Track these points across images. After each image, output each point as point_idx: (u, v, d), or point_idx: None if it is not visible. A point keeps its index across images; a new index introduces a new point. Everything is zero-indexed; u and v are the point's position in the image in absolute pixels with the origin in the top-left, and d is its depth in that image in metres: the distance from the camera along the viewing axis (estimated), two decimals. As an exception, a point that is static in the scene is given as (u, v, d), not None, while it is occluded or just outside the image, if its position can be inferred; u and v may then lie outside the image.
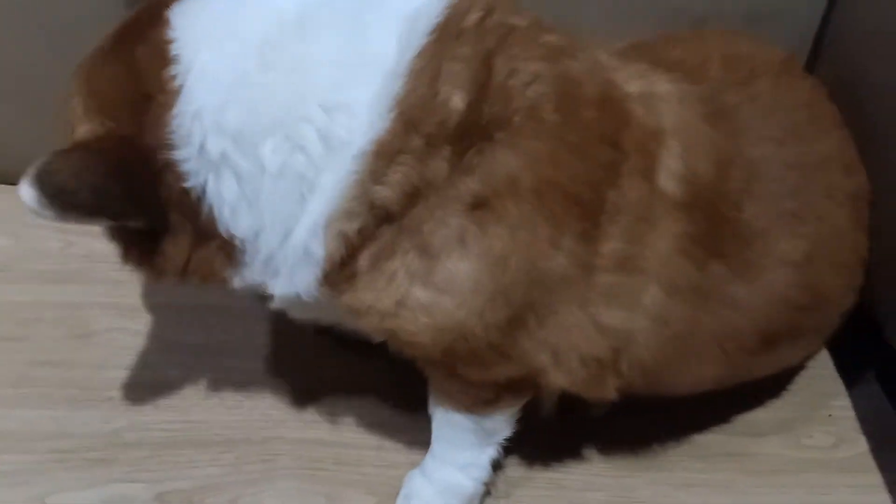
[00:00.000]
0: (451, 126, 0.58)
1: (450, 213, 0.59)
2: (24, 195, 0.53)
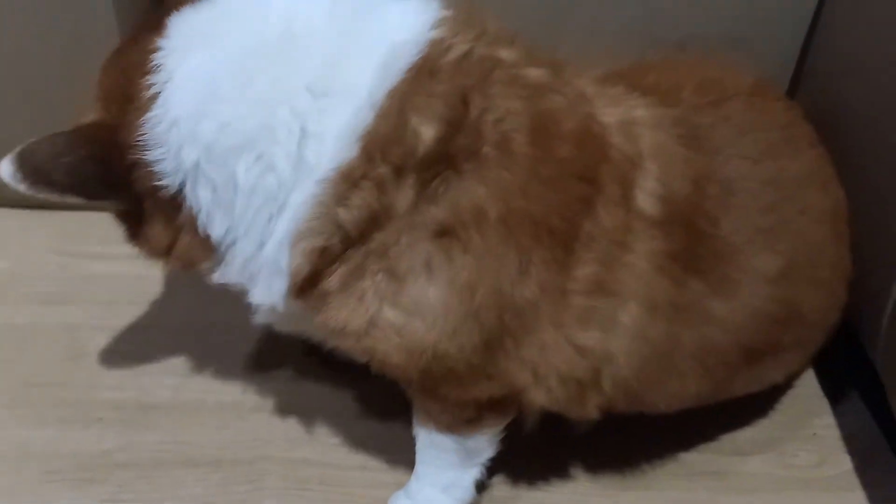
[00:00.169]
0: (419, 157, 0.60)
1: (416, 239, 0.61)
2: (3, 170, 0.57)
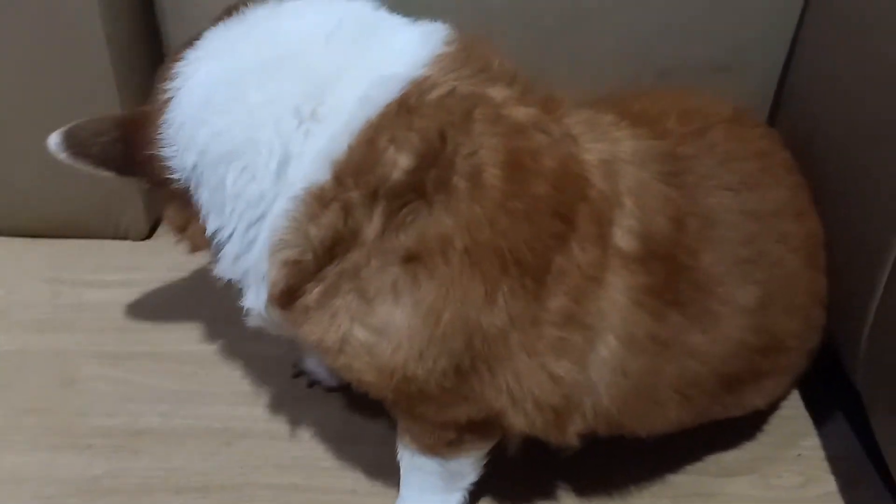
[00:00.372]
0: (390, 186, 0.62)
1: (385, 263, 0.63)
2: (50, 141, 0.65)
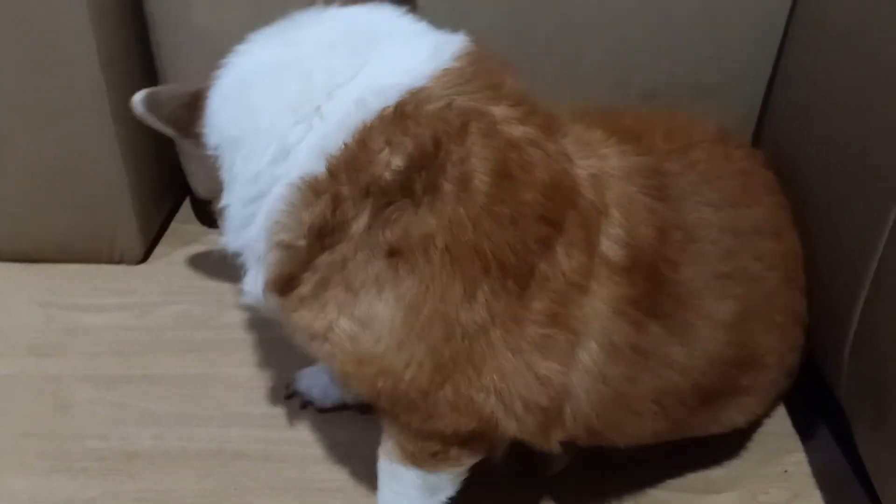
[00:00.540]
0: (380, 185, 0.65)
1: (370, 257, 0.67)
2: (135, 98, 0.74)
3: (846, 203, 0.83)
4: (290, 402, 0.96)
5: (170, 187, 1.24)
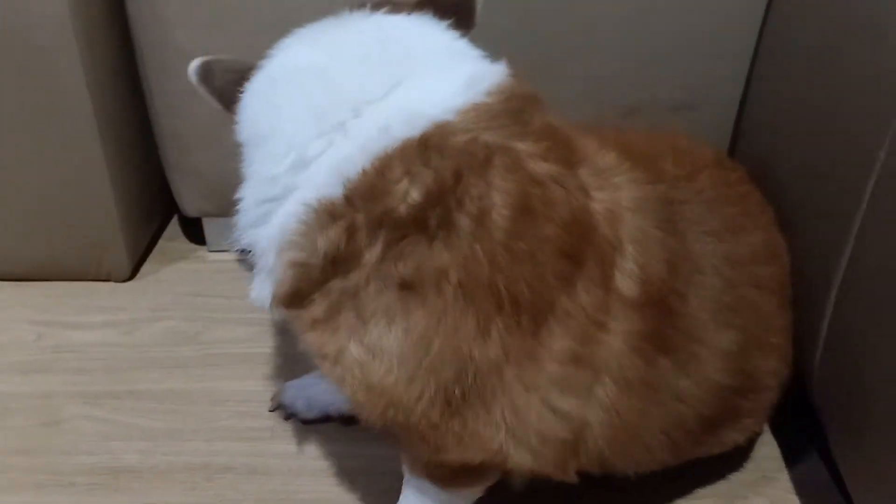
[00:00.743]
0: (395, 216, 0.64)
1: (382, 287, 0.65)
2: (191, 66, 0.74)
3: (814, 209, 0.85)
4: (276, 415, 0.97)
5: (157, 206, 1.25)
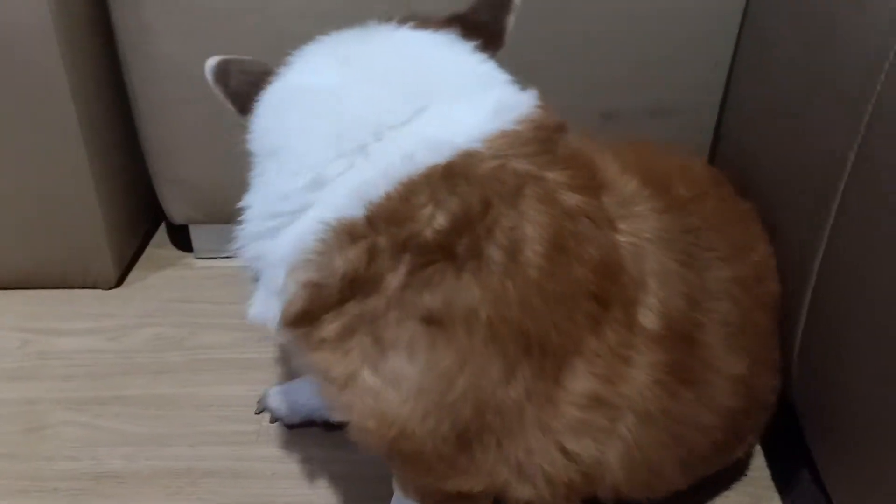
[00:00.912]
0: (420, 242, 0.61)
1: (404, 317, 0.63)
2: (208, 64, 0.72)
3: (790, 211, 0.86)
4: (260, 420, 0.98)
5: (144, 213, 1.26)
